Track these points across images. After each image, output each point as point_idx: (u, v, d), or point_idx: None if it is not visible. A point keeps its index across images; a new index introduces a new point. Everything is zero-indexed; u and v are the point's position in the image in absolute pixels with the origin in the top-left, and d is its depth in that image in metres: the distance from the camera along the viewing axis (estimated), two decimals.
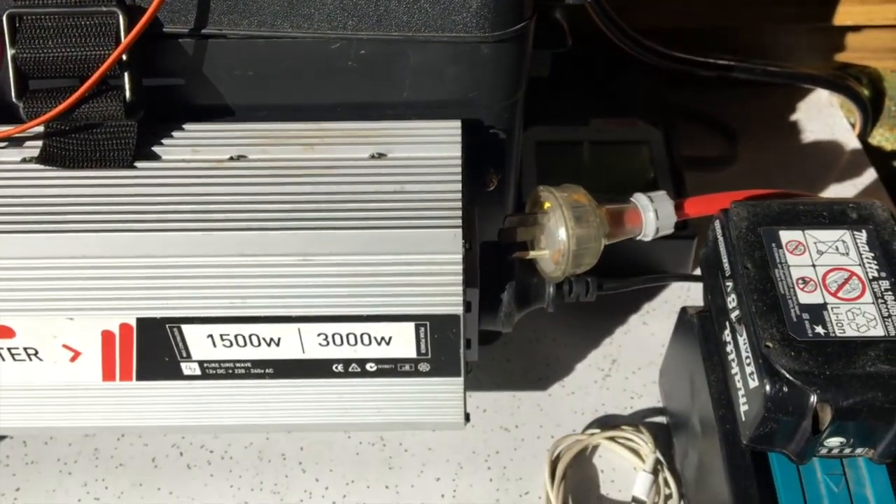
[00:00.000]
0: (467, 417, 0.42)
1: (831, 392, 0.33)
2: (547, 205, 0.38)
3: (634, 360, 0.50)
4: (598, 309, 0.50)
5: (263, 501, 0.45)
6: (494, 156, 0.40)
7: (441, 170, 0.36)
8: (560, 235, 0.37)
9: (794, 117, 0.67)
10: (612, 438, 0.46)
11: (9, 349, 0.38)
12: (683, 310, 0.44)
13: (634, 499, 0.44)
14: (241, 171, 0.36)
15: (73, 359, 0.38)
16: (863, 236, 0.37)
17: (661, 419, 0.48)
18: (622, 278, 0.42)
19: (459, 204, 0.35)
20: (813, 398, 0.33)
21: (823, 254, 0.37)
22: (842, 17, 0.64)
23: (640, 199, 0.39)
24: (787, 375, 0.33)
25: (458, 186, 0.35)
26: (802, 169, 0.62)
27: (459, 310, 0.36)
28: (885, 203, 0.50)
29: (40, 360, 0.38)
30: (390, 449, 0.47)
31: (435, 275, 0.35)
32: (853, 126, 0.66)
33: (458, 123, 0.38)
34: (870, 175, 0.62)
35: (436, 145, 0.37)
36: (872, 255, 0.37)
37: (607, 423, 0.47)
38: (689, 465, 0.43)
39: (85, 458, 0.47)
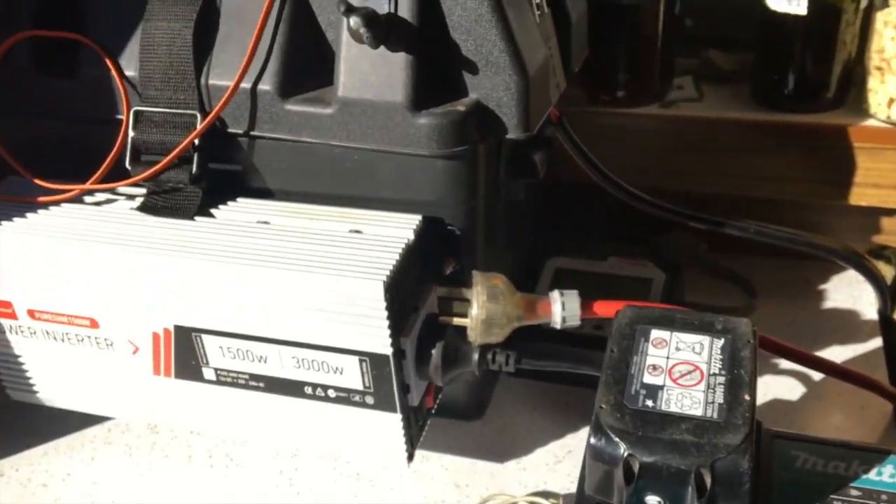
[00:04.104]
0: (410, 457, 0.52)
1: (638, 448, 0.40)
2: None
3: None
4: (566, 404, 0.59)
5: None
6: (452, 247, 0.52)
7: (391, 243, 0.48)
8: (474, 307, 0.48)
9: (821, 286, 0.72)
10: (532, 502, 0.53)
11: (94, 338, 0.54)
12: None
13: None
14: (262, 231, 0.51)
15: (134, 352, 0.54)
16: (720, 342, 0.45)
17: None
18: (544, 359, 0.51)
19: (391, 265, 0.47)
20: (622, 450, 0.40)
21: (680, 350, 0.44)
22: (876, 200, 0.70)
23: (554, 294, 0.49)
24: (608, 431, 0.41)
25: (397, 256, 0.47)
26: (811, 329, 0.67)
27: (389, 350, 0.47)
28: (882, 378, 0.56)
29: (112, 349, 0.54)
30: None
31: (369, 317, 0.47)
32: None
33: (419, 217, 0.50)
34: (874, 343, 0.65)
35: (398, 229, 0.50)
36: (722, 357, 0.44)
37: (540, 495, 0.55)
38: None
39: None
